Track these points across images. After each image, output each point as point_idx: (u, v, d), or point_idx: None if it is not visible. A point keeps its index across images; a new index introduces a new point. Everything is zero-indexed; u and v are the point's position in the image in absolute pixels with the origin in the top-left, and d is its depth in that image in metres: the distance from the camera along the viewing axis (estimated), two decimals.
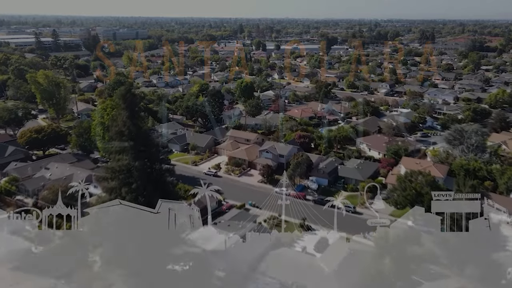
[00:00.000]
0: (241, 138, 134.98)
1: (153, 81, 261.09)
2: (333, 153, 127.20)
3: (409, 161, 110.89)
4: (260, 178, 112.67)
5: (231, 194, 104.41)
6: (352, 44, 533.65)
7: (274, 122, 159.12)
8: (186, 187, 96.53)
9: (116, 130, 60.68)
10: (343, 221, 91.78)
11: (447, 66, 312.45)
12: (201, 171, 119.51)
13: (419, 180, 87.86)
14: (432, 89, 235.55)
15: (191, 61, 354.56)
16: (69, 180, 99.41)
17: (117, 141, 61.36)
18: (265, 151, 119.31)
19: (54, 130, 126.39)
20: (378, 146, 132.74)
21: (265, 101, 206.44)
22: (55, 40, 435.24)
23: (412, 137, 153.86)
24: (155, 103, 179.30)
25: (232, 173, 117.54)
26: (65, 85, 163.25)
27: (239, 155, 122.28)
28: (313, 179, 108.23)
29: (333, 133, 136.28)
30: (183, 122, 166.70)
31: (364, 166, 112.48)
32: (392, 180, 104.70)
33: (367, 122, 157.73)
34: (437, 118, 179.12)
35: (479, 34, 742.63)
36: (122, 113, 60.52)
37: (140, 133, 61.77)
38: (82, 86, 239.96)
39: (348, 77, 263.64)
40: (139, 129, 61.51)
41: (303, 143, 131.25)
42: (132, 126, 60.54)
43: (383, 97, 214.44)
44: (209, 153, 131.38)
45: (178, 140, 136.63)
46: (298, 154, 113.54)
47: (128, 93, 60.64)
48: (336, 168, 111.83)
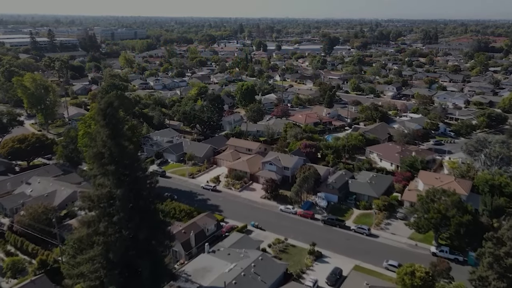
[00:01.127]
0: (242, 147, 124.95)
1: (150, 83, 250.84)
2: (342, 165, 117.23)
3: (428, 175, 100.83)
4: (263, 194, 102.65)
5: (231, 212, 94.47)
6: (354, 44, 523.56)
7: (277, 128, 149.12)
8: (182, 206, 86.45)
9: (94, 152, 50.62)
10: (358, 245, 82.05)
11: (454, 67, 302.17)
12: (198, 185, 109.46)
13: (443, 200, 77.84)
14: (441, 92, 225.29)
15: (190, 62, 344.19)
16: (52, 198, 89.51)
17: (96, 164, 51.34)
18: (269, 163, 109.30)
19: (39, 139, 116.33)
20: (390, 156, 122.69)
21: (266, 105, 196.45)
22: (50, 40, 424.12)
23: (425, 145, 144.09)
24: (151, 108, 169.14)
25: (233, 187, 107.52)
26: (54, 89, 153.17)
27: (240, 167, 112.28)
28: (321, 195, 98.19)
29: (341, 142, 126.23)
30: (180, 128, 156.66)
31: (377, 180, 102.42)
32: (410, 197, 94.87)
33: (377, 129, 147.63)
34: (450, 123, 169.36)
35: (482, 34, 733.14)
36: (102, 131, 50.40)
37: (124, 154, 51.67)
38: (76, 88, 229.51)
39: (352, 79, 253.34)
40: (122, 150, 51.38)
41: (309, 153, 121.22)
42: (114, 147, 50.44)
43: (390, 100, 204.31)
44: (207, 164, 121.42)
45: (174, 149, 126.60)
46: (305, 167, 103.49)
47: (109, 107, 50.52)
48: (346, 182, 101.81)
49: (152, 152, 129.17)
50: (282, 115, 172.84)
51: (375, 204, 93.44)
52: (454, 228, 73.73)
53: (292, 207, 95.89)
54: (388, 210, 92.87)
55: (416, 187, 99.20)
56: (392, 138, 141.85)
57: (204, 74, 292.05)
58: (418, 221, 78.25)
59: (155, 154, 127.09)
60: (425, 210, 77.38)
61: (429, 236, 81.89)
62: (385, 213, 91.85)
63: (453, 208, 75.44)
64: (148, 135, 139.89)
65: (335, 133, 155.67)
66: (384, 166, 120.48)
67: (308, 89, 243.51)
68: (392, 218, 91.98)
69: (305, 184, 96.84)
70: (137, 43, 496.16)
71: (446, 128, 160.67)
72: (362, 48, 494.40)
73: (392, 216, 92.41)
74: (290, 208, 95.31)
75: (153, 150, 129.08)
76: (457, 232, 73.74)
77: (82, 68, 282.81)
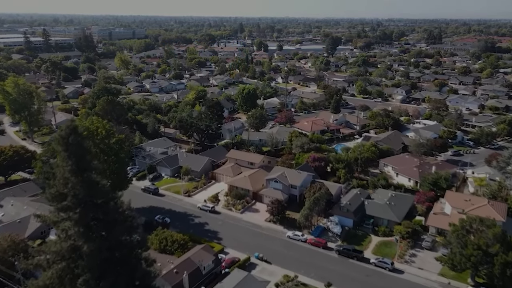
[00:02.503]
0: (243, 160, 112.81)
1: (146, 86, 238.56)
2: (355, 181, 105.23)
3: (456, 197, 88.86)
4: (268, 216, 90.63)
5: (232, 240, 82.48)
6: (357, 44, 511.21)
7: (281, 137, 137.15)
8: (174, 236, 74.40)
9: (52, 193, 38.63)
10: (380, 283, 70.05)
11: (464, 69, 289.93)
12: (195, 205, 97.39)
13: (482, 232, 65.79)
14: (452, 96, 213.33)
15: (189, 63, 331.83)
16: (24, 225, 77.54)
17: (57, 207, 39.37)
18: (274, 180, 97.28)
19: (17, 153, 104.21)
20: (408, 170, 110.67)
21: (269, 110, 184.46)
22: (45, 40, 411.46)
23: (442, 155, 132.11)
24: (145, 114, 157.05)
25: (233, 207, 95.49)
26: (38, 94, 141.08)
27: (242, 184, 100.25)
28: (334, 219, 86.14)
29: (353, 155, 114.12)
30: (176, 137, 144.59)
31: (396, 200, 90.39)
32: (436, 222, 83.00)
33: (390, 138, 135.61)
34: (466, 131, 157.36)
35: (485, 34, 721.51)
36: (63, 165, 38.43)
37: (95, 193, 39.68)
38: (68, 91, 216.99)
39: (359, 81, 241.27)
40: (92, 188, 39.42)
41: (318, 167, 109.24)
42: (79, 185, 38.47)
43: (400, 105, 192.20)
44: (205, 180, 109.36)
45: (169, 162, 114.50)
46: (315, 186, 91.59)
47: (73, 133, 38.44)
48: (362, 203, 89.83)
49: (144, 165, 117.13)
50: (286, 122, 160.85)
51: (397, 230, 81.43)
52: (499, 269, 61.72)
53: (301, 233, 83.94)
54: (412, 237, 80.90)
55: (442, 210, 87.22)
56: (407, 148, 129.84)
57: (203, 76, 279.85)
58: (452, 257, 66.22)
59: (147, 167, 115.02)
60: (462, 245, 65.35)
61: (464, 273, 69.87)
62: (408, 242, 79.84)
63: (496, 243, 63.46)
64: (141, 145, 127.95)
65: (343, 142, 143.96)
66: (402, 182, 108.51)
67: (312, 92, 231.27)
68: (417, 247, 79.96)
69: (316, 207, 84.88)
70: (135, 43, 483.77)
71: (464, 137, 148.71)
72: (366, 49, 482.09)
73: (417, 245, 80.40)
74: (299, 234, 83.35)
75: (146, 163, 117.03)
76: (502, 272, 61.75)
77: (75, 70, 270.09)
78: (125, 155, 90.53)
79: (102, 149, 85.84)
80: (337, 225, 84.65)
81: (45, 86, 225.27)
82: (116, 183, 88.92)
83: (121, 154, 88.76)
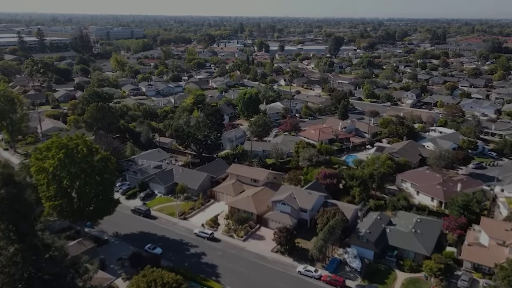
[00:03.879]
0: (246, 177, 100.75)
1: (142, 89, 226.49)
2: (372, 202, 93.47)
3: (492, 224, 77.04)
4: (275, 246, 78.81)
5: (233, 277, 70.64)
6: (361, 44, 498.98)
7: (286, 147, 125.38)
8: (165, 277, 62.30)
9: None
10: None
11: (474, 71, 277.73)
12: (191, 230, 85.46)
13: None
14: (466, 101, 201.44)
15: (187, 64, 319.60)
16: None
17: None
18: (281, 202, 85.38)
19: None
20: (430, 188, 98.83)
21: (272, 115, 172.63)
22: (40, 39, 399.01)
23: (463, 169, 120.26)
24: (139, 122, 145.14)
25: (235, 234, 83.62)
26: (21, 101, 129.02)
27: (244, 206, 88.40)
28: (353, 250, 74.25)
29: (368, 170, 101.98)
30: (171, 147, 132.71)
31: (423, 227, 78.51)
32: (472, 256, 71.24)
33: (406, 150, 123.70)
34: (486, 140, 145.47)
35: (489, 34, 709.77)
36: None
37: (44, 264, 27.94)
38: (59, 95, 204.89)
39: (366, 84, 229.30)
40: (37, 260, 27.68)
41: (329, 185, 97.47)
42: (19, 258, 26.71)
43: (413, 111, 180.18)
44: (203, 199, 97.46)
45: (163, 178, 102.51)
46: (329, 210, 79.78)
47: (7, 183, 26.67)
48: (384, 231, 78.01)
49: (135, 181, 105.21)
50: (292, 130, 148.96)
51: (427, 266, 69.54)
52: None
53: (314, 268, 72.09)
54: (445, 274, 69.03)
55: (478, 239, 75.42)
56: (426, 161, 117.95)
57: (202, 78, 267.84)
58: None
59: (139, 184, 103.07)
60: None
61: None
62: (441, 280, 67.97)
63: None
64: (133, 158, 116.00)
65: (354, 153, 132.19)
66: (423, 202, 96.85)
67: (317, 96, 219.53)
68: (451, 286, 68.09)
69: (331, 237, 73.03)
70: (133, 43, 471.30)
71: (485, 147, 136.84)
72: (369, 49, 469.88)
73: (451, 284, 68.51)
74: (311, 270, 71.49)
75: (137, 178, 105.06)
76: None
77: (68, 72, 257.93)
78: (110, 176, 78.64)
79: (83, 169, 74.07)
80: (356, 259, 72.78)
81: (35, 89, 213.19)
82: (99, 208, 77.38)
83: (106, 174, 76.89)
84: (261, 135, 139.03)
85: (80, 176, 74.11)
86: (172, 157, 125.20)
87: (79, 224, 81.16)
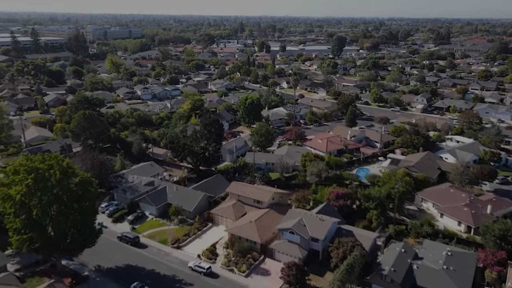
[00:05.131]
0: (248, 198, 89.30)
1: (138, 92, 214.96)
2: (392, 227, 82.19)
3: None
4: (282, 285, 67.49)
5: None
6: (364, 45, 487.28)
7: (292, 160, 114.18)
8: None
9: None
10: None
11: (484, 73, 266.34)
12: (186, 262, 74.13)
13: None
14: (480, 105, 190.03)
15: (186, 66, 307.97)
16: None
17: None
18: (289, 231, 74.05)
19: None
20: (456, 210, 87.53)
21: (275, 122, 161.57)
22: (34, 40, 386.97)
23: (488, 184, 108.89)
24: (131, 131, 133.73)
25: (236, 267, 72.25)
26: (1, 109, 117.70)
27: (247, 234, 77.11)
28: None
29: (385, 188, 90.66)
30: (166, 159, 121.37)
31: (455, 263, 67.19)
32: None
33: (424, 163, 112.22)
34: (507, 150, 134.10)
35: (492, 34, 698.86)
36: None
37: None
38: (49, 99, 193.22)
39: (373, 88, 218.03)
40: None
41: (342, 207, 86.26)
42: None
43: (425, 116, 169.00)
44: (199, 223, 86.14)
45: (155, 198, 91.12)
46: (345, 242, 68.61)
47: None
48: (410, 268, 66.70)
49: (124, 200, 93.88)
50: (297, 139, 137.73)
51: None
52: None
53: None
54: None
55: None
56: (446, 176, 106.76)
57: (200, 81, 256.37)
58: None
59: (127, 205, 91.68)
60: None
61: None
62: None
63: None
64: (122, 173, 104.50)
65: (366, 166, 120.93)
66: (449, 226, 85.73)
67: (321, 100, 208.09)
68: None
69: (350, 277, 61.75)
70: (130, 43, 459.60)
71: (508, 158, 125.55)
72: (373, 49, 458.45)
73: None
74: None
75: (126, 198, 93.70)
76: None
77: (61, 74, 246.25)
78: (91, 201, 67.32)
79: (58, 196, 62.85)
80: None
81: (24, 93, 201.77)
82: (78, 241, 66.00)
83: (85, 200, 65.62)
84: (264, 145, 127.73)
85: (54, 204, 62.99)
86: (166, 170, 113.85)
87: (56, 256, 69.91)
